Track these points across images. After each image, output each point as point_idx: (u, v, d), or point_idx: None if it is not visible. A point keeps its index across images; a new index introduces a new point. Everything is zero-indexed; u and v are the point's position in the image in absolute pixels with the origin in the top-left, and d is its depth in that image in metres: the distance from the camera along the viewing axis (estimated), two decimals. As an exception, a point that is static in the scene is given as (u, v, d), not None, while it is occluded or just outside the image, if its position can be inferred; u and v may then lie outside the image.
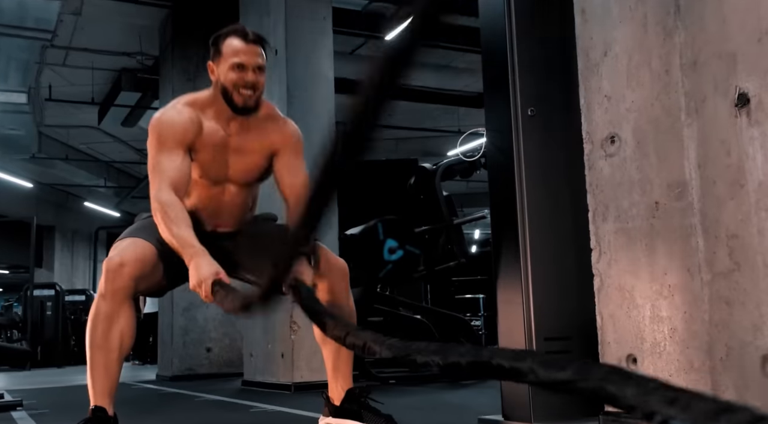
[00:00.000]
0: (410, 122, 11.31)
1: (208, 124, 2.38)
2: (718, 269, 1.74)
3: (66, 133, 11.73)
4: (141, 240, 2.24)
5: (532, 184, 2.72)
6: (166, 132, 2.31)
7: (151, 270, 2.22)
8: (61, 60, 8.48)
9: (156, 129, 2.32)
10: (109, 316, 2.14)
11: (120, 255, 2.17)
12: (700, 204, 1.80)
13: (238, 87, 2.33)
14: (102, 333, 2.14)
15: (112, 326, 2.15)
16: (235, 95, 2.34)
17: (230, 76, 2.33)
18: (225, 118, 2.40)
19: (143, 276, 2.19)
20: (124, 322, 2.16)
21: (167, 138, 2.30)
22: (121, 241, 2.27)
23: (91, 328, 2.15)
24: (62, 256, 17.57)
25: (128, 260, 2.15)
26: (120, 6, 7.03)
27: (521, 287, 2.68)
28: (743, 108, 1.68)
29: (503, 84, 2.80)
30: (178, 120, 2.34)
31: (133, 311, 2.21)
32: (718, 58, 1.75)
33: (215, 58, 2.39)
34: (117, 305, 2.14)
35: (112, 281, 2.13)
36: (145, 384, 6.15)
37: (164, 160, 2.27)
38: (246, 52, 2.34)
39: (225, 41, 2.37)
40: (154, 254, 2.23)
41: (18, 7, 5.82)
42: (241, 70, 2.33)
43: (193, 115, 2.37)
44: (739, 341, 1.69)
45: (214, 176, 2.42)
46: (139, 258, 2.18)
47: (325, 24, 5.14)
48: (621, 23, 2.02)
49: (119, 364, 2.20)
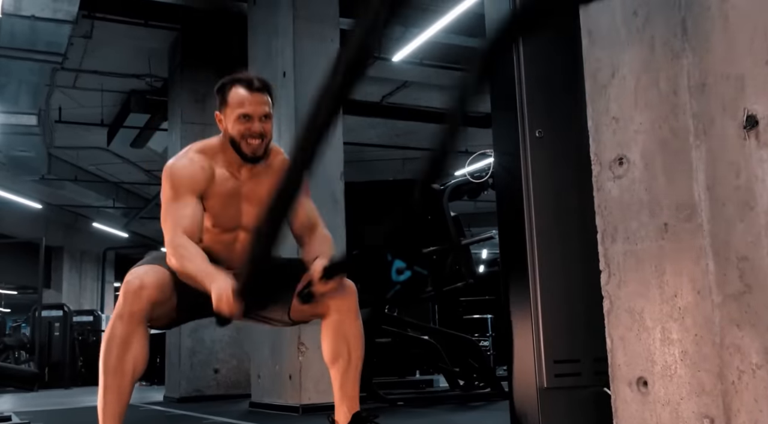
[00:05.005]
0: (417, 142, 11.33)
1: (220, 172, 2.41)
2: (728, 291, 1.73)
3: (75, 154, 11.81)
4: (159, 267, 2.26)
5: (541, 205, 2.72)
6: (178, 180, 2.34)
7: (167, 297, 2.24)
8: (71, 82, 8.55)
9: (169, 177, 2.36)
10: (124, 339, 2.14)
11: (140, 278, 2.18)
12: (709, 226, 1.79)
13: (245, 137, 2.36)
14: (117, 357, 2.15)
15: (127, 350, 2.15)
16: (243, 145, 2.37)
17: (237, 126, 2.36)
18: (236, 166, 2.43)
19: (160, 302, 2.21)
20: (139, 346, 2.17)
21: (180, 186, 2.33)
22: (139, 267, 2.28)
23: (106, 350, 2.15)
24: (70, 277, 17.59)
25: (148, 284, 2.17)
26: (130, 29, 7.10)
27: (530, 309, 2.67)
28: (752, 130, 1.68)
29: (511, 105, 2.81)
30: (190, 168, 2.37)
31: (148, 335, 2.21)
32: (726, 79, 1.75)
33: (222, 108, 2.42)
34: (133, 328, 2.15)
35: (131, 303, 2.14)
36: (152, 406, 6.13)
37: (177, 209, 2.30)
38: (252, 103, 2.36)
39: (230, 91, 2.39)
40: (171, 281, 2.25)
41: (29, 31, 5.87)
42: (248, 120, 2.36)
43: (205, 164, 2.39)
44: (751, 364, 1.68)
45: (226, 224, 2.44)
46: (159, 283, 2.20)
47: (333, 46, 5.18)
48: (628, 45, 2.03)
49: (131, 388, 2.20)
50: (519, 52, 2.81)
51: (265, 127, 2.38)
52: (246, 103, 2.35)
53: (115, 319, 2.16)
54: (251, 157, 2.40)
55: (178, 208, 2.30)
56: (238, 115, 2.35)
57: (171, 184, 2.34)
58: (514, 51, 2.82)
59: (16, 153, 8.72)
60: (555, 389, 2.64)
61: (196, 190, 2.35)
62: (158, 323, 2.35)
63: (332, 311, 2.31)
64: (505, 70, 2.86)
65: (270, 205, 1.86)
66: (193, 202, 2.33)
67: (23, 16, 5.66)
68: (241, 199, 2.43)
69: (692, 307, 1.82)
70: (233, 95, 2.38)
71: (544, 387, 2.63)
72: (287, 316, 2.42)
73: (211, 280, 2.12)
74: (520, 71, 2.79)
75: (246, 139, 2.36)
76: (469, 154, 5.18)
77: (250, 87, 2.37)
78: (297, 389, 4.56)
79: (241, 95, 2.36)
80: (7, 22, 5.71)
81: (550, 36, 2.85)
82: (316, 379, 4.50)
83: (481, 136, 10.45)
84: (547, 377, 2.62)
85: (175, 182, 2.34)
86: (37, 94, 6.95)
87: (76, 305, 15.64)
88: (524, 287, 2.70)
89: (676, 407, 1.84)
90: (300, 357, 4.56)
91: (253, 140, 2.36)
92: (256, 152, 2.39)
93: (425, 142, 11.32)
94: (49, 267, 16.78)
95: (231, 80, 2.41)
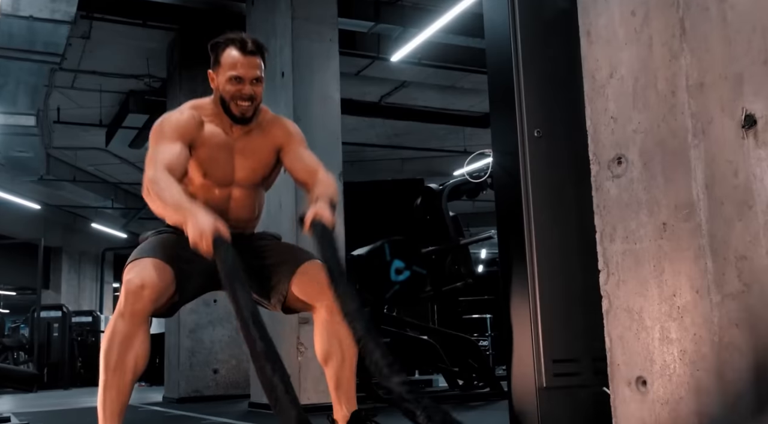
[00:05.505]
0: (416, 142, 11.33)
1: (210, 126, 2.44)
2: (727, 290, 1.74)
3: (74, 155, 11.80)
4: (158, 260, 2.23)
5: (539, 205, 2.72)
6: (166, 127, 2.37)
7: (167, 291, 2.23)
8: (69, 83, 8.55)
9: (156, 128, 2.39)
10: (126, 338, 2.14)
11: (140, 276, 2.15)
12: (708, 225, 1.79)
13: (235, 99, 2.38)
14: (118, 355, 2.14)
15: (129, 349, 2.14)
16: (232, 106, 2.39)
17: (228, 87, 2.38)
18: (227, 123, 2.45)
19: (161, 298, 2.20)
20: (140, 345, 2.16)
21: (166, 132, 2.35)
22: (138, 261, 2.24)
23: (107, 350, 2.14)
24: (69, 277, 17.57)
25: (149, 283, 2.15)
26: (128, 29, 7.10)
27: (529, 309, 2.67)
28: (750, 129, 1.68)
29: (509, 105, 2.81)
30: (177, 117, 2.40)
31: (149, 334, 2.21)
32: (725, 79, 1.76)
33: (214, 67, 2.44)
34: (135, 327, 2.14)
35: (132, 303, 2.12)
36: (151, 406, 6.13)
37: (161, 150, 2.30)
38: (244, 65, 2.37)
39: (224, 51, 2.40)
40: (171, 273, 2.23)
41: (27, 31, 5.87)
42: (239, 82, 2.37)
43: (195, 114, 2.43)
44: (750, 363, 1.68)
45: (219, 178, 2.45)
46: (159, 281, 2.18)
47: (331, 46, 5.18)
48: (626, 45, 2.03)
49: (131, 386, 2.20)
50: (518, 52, 2.81)
51: (255, 90, 2.39)
52: (238, 65, 2.36)
53: (116, 317, 2.15)
54: (240, 118, 2.41)
55: (163, 148, 2.30)
56: (229, 77, 2.37)
57: (158, 131, 2.36)
58: (513, 51, 2.82)
59: (15, 154, 8.71)
60: (554, 388, 2.64)
61: (182, 135, 2.35)
62: (160, 312, 2.34)
63: (324, 310, 2.30)
64: (503, 69, 2.86)
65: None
66: (178, 144, 2.33)
67: (21, 17, 5.66)
68: (234, 153, 2.44)
69: (691, 306, 1.82)
70: (226, 56, 2.39)
71: (543, 387, 2.63)
72: (280, 306, 2.41)
73: (189, 215, 2.10)
74: (519, 71, 2.79)
75: (236, 101, 2.38)
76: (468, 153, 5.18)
77: (243, 49, 2.37)
78: (296, 390, 4.55)
79: (234, 57, 2.37)
80: (5, 22, 5.71)
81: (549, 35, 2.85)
82: (315, 379, 4.50)
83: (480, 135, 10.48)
84: (546, 377, 2.62)
85: (162, 129, 2.36)
86: (35, 94, 6.94)
87: (74, 305, 15.63)
88: (523, 286, 2.70)
89: (675, 406, 1.84)
90: (299, 357, 4.56)
91: (243, 102, 2.38)
92: (245, 114, 2.40)
93: (424, 142, 11.36)
94: (48, 268, 16.77)
95: (225, 40, 2.41)
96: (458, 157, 10.74)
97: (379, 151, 11.64)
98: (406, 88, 9.15)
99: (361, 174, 11.23)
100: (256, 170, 2.50)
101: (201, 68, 7.37)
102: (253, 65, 2.38)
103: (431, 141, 11.33)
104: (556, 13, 2.86)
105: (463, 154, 6.77)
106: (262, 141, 2.49)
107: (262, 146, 2.49)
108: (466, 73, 8.41)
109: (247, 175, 2.48)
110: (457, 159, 10.84)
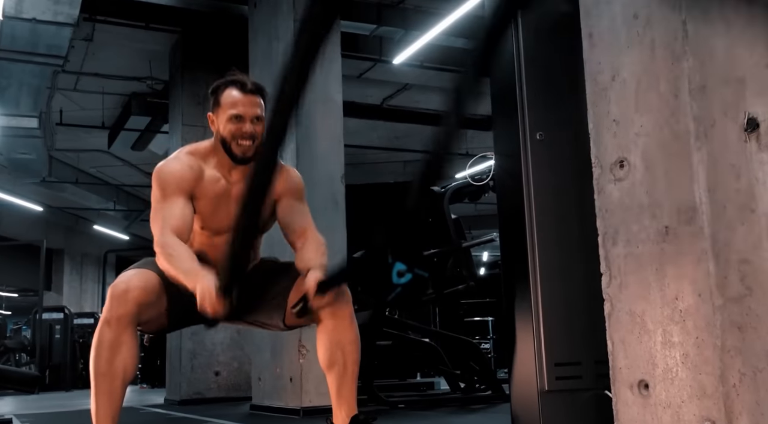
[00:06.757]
0: (418, 145, 11.32)
1: (210, 173, 2.42)
2: (729, 294, 1.73)
3: (76, 157, 11.81)
4: (147, 270, 2.26)
5: (542, 207, 2.72)
6: (166, 180, 2.35)
7: (155, 300, 2.24)
8: (72, 85, 8.56)
9: (157, 178, 2.37)
10: (112, 343, 2.15)
11: (126, 282, 2.18)
12: (710, 229, 1.79)
13: (236, 138, 2.37)
14: (106, 361, 2.16)
15: (116, 354, 2.16)
16: (233, 146, 2.38)
17: (228, 127, 2.37)
18: (227, 168, 2.44)
19: (147, 304, 2.20)
20: (127, 349, 2.17)
21: (168, 185, 2.34)
22: (126, 271, 2.29)
23: (95, 355, 2.17)
24: (71, 279, 17.60)
25: (133, 287, 2.17)
26: (130, 32, 7.11)
27: (531, 312, 2.67)
28: (753, 133, 1.68)
29: (512, 108, 2.81)
30: (178, 168, 2.38)
31: (137, 338, 2.22)
32: (727, 83, 1.75)
33: (215, 109, 2.43)
34: (121, 332, 2.15)
35: (116, 307, 2.14)
36: (153, 408, 6.13)
37: (166, 208, 2.31)
38: (244, 104, 2.37)
39: (224, 92, 2.40)
40: (160, 284, 2.24)
41: (30, 33, 5.87)
42: (239, 121, 2.36)
43: (194, 163, 2.41)
44: (753, 367, 1.68)
45: (216, 227, 2.44)
46: (145, 286, 2.19)
47: (333, 48, 5.18)
48: (629, 48, 2.03)
49: (123, 390, 2.21)
50: (520, 55, 2.81)
51: (256, 129, 2.38)
52: (238, 103, 2.36)
53: (102, 324, 2.17)
54: (241, 158, 2.40)
55: (167, 207, 2.30)
56: (230, 116, 2.36)
57: (159, 185, 2.35)
58: (514, 53, 2.82)
59: (17, 156, 8.72)
60: (556, 391, 2.63)
61: (184, 190, 2.35)
62: (148, 327, 2.34)
63: (326, 317, 2.30)
64: (505, 72, 2.87)
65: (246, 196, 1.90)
66: (181, 201, 2.33)
67: (24, 19, 5.67)
68: (231, 200, 2.42)
69: (693, 310, 1.82)
70: (226, 96, 2.39)
71: (545, 390, 2.63)
72: (281, 322, 2.42)
73: (197, 278, 2.11)
74: (521, 74, 2.79)
75: (237, 140, 2.37)
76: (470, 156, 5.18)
77: (243, 89, 2.38)
78: (298, 392, 4.55)
79: (234, 96, 2.37)
80: (8, 24, 5.72)
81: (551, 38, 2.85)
82: (317, 381, 4.50)
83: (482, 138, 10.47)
84: (548, 380, 2.62)
85: (164, 182, 2.35)
86: (38, 96, 6.95)
87: (76, 307, 15.64)
88: (525, 289, 2.70)
89: (678, 410, 1.84)
90: (301, 360, 4.56)
91: (244, 141, 2.37)
92: (246, 153, 2.39)
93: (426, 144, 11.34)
94: (50, 269, 16.79)
95: (225, 82, 2.42)
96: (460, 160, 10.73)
97: (381, 154, 11.64)
98: (408, 90, 9.15)
99: (362, 176, 11.24)
100: None
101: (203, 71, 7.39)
102: (254, 104, 2.38)
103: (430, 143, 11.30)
104: (557, 15, 2.86)
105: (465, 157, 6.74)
106: None
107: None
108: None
109: None
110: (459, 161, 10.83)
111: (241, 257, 2.07)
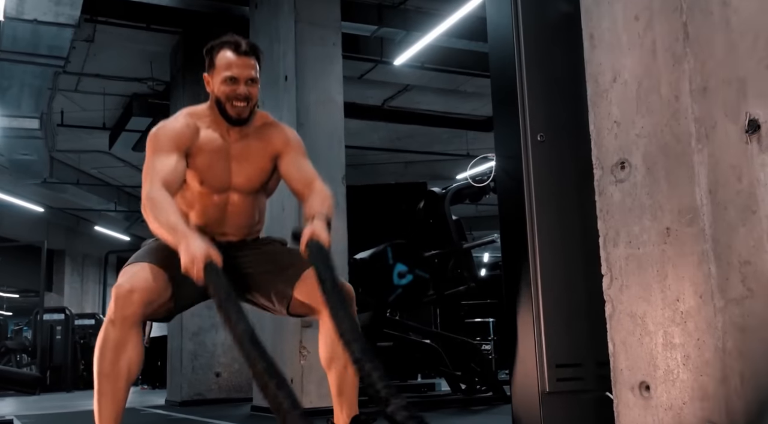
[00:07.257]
0: (419, 146, 11.34)
1: (206, 132, 2.43)
2: (731, 295, 1.73)
3: (77, 158, 11.83)
4: (150, 264, 2.24)
5: (543, 209, 2.72)
6: (161, 137, 2.36)
7: (159, 294, 2.23)
8: (73, 86, 8.57)
9: (152, 137, 2.38)
10: (117, 344, 2.14)
11: (130, 281, 2.17)
12: (711, 230, 1.79)
13: (231, 99, 2.38)
14: (110, 362, 2.15)
15: (121, 355, 2.15)
16: (228, 107, 2.39)
17: (223, 88, 2.38)
18: (224, 127, 2.45)
19: (151, 301, 2.20)
20: (132, 350, 2.16)
21: (162, 142, 2.35)
22: (130, 266, 2.27)
23: (99, 356, 2.16)
24: (72, 280, 17.61)
25: (138, 287, 2.16)
26: (132, 33, 7.11)
27: (532, 313, 2.67)
28: (754, 134, 1.68)
29: (513, 109, 2.81)
30: (172, 126, 2.40)
31: (141, 339, 2.21)
32: (728, 84, 1.75)
33: (209, 70, 2.44)
34: (126, 332, 2.15)
35: (121, 308, 2.13)
36: (154, 409, 6.13)
37: (157, 162, 2.30)
38: (238, 65, 2.37)
39: (218, 53, 2.41)
40: (164, 278, 2.23)
41: (32, 35, 5.88)
42: (234, 83, 2.37)
43: (190, 122, 2.42)
44: (754, 369, 1.67)
45: (216, 184, 2.43)
46: (149, 284, 2.18)
47: (334, 50, 5.18)
48: (630, 49, 2.03)
49: (126, 392, 2.21)
50: (521, 56, 2.81)
51: (250, 91, 2.39)
52: (233, 65, 2.37)
53: (107, 324, 2.16)
54: (236, 120, 2.41)
55: (159, 161, 2.30)
56: (224, 78, 2.37)
57: (154, 141, 2.36)
58: (516, 55, 2.82)
59: (18, 156, 8.73)
60: (557, 393, 2.63)
61: (178, 145, 2.35)
62: (157, 317, 2.33)
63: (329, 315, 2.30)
64: (507, 73, 2.86)
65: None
66: (174, 156, 2.32)
67: (26, 20, 5.68)
68: (231, 158, 2.43)
69: (694, 311, 1.82)
70: (220, 58, 2.39)
71: (546, 391, 2.62)
72: (285, 309, 2.41)
73: (182, 239, 2.09)
74: (522, 75, 2.79)
75: (231, 102, 2.37)
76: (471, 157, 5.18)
77: (237, 50, 2.38)
78: (299, 393, 4.54)
79: (228, 58, 2.38)
80: (10, 25, 5.72)
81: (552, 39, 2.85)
82: (318, 383, 4.50)
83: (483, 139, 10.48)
84: (549, 381, 2.61)
85: (158, 139, 2.35)
86: (39, 97, 6.96)
87: (77, 308, 15.66)
88: (526, 290, 2.70)
89: (679, 412, 1.84)
90: (302, 361, 4.56)
91: (239, 102, 2.37)
92: (241, 115, 2.40)
93: (427, 145, 11.35)
94: (51, 270, 16.80)
95: (220, 43, 2.43)
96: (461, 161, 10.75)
97: (382, 155, 11.65)
98: (408, 91, 9.15)
99: (363, 177, 11.24)
100: (253, 176, 2.47)
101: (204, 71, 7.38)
102: (248, 65, 2.38)
103: (434, 145, 11.33)
104: (559, 16, 2.86)
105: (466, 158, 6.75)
106: (259, 146, 2.47)
107: (258, 151, 2.47)
108: (469, 77, 8.42)
109: (244, 180, 2.45)
110: (460, 163, 10.84)
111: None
